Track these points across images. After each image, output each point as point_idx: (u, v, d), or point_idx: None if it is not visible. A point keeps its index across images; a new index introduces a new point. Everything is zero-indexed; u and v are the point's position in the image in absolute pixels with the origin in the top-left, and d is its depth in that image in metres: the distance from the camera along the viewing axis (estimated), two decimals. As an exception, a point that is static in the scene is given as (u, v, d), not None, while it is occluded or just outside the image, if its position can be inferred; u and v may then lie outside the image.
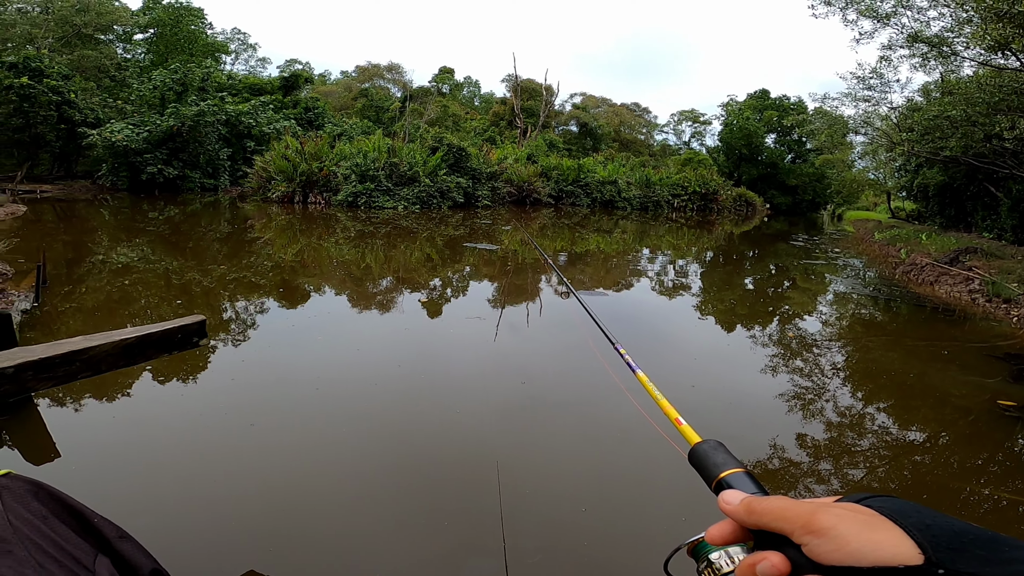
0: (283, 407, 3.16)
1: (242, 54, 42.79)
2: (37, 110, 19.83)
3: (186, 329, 2.62)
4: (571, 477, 2.59)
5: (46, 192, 18.17)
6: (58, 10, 25.93)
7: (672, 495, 2.52)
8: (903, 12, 13.24)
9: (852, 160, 26.51)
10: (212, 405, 3.13)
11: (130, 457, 2.57)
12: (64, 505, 0.61)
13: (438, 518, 2.19)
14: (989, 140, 11.96)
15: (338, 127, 26.90)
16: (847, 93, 17.53)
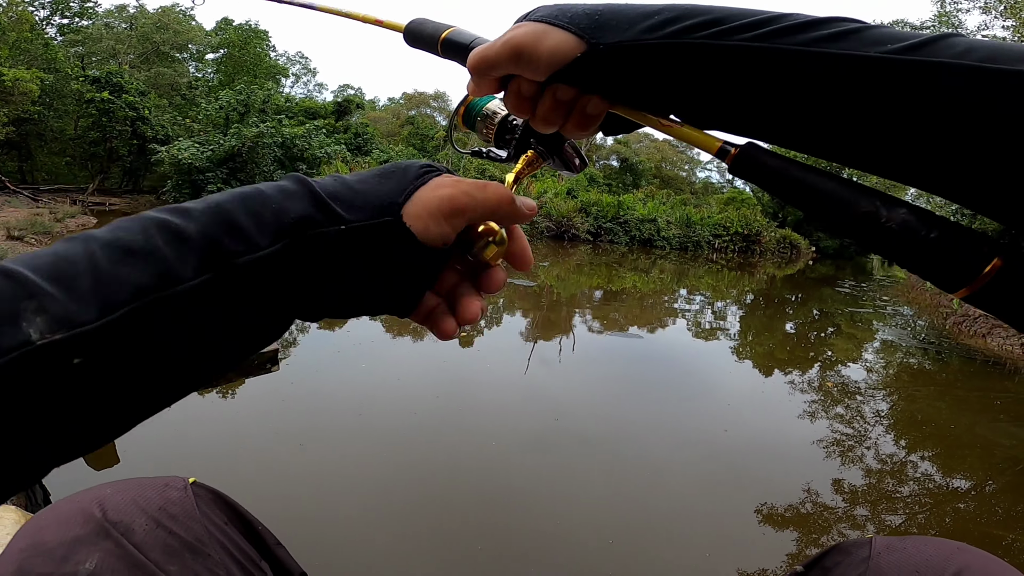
0: (331, 430, 3.27)
1: (302, 77, 44.99)
2: (114, 125, 21.24)
3: (262, 356, 2.80)
4: (601, 511, 2.60)
5: (114, 205, 19.37)
6: (140, 27, 27.80)
7: (698, 532, 2.51)
8: None
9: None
10: (263, 425, 3.27)
11: (183, 469, 2.71)
12: (237, 513, 0.66)
13: (464, 546, 2.23)
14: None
15: (385, 153, 27.79)
16: None
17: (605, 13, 0.42)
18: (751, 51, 0.37)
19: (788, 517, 2.78)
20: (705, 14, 0.40)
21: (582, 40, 0.41)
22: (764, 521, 2.72)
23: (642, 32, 0.40)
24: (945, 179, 0.35)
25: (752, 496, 2.93)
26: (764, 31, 0.37)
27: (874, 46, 0.34)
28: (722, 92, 0.40)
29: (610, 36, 0.41)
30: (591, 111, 0.44)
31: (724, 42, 0.38)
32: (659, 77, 0.41)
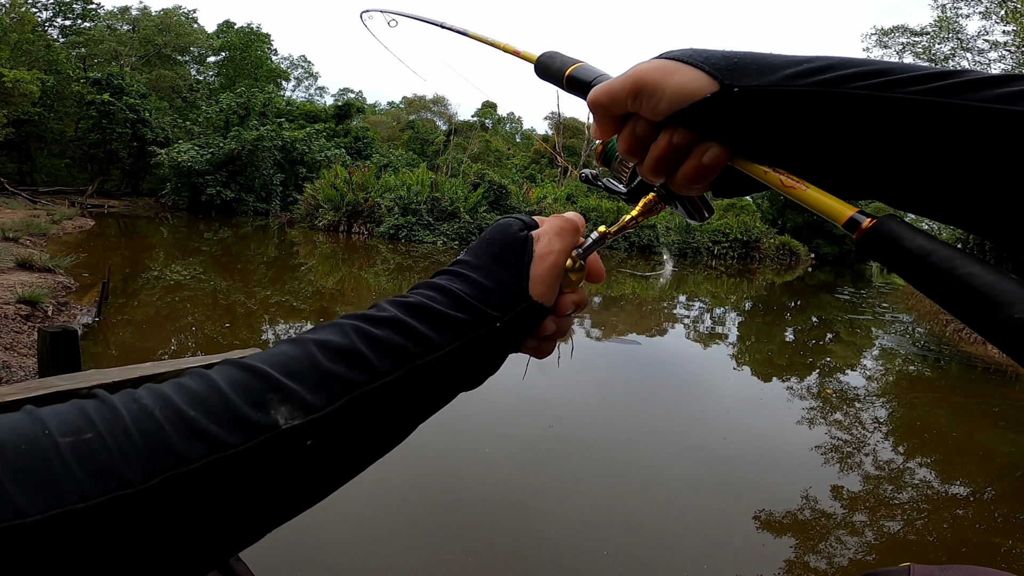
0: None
1: (304, 81, 45.08)
2: (114, 127, 21.26)
3: None
4: (595, 519, 2.56)
5: (113, 207, 19.35)
6: (143, 28, 27.83)
7: (694, 541, 2.48)
8: (962, 55, 12.99)
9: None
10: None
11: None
12: None
13: (461, 553, 2.20)
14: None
15: (385, 158, 27.85)
16: None
17: (745, 58, 0.39)
18: (924, 105, 0.33)
19: (787, 524, 2.76)
20: (865, 65, 0.36)
21: (715, 80, 0.38)
22: (763, 528, 2.70)
23: (787, 78, 0.37)
24: None
25: (750, 503, 2.90)
26: (939, 85, 0.33)
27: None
28: (875, 150, 0.35)
29: (748, 79, 0.37)
30: (707, 161, 0.40)
31: (892, 94, 0.34)
32: (799, 128, 0.37)
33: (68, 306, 5.22)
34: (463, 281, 0.43)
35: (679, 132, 0.40)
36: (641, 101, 0.41)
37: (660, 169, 0.42)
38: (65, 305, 5.21)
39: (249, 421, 0.30)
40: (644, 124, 0.42)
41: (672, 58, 0.40)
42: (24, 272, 6.04)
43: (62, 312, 5.01)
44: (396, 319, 0.38)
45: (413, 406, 0.38)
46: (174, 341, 4.94)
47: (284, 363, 0.33)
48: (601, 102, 0.43)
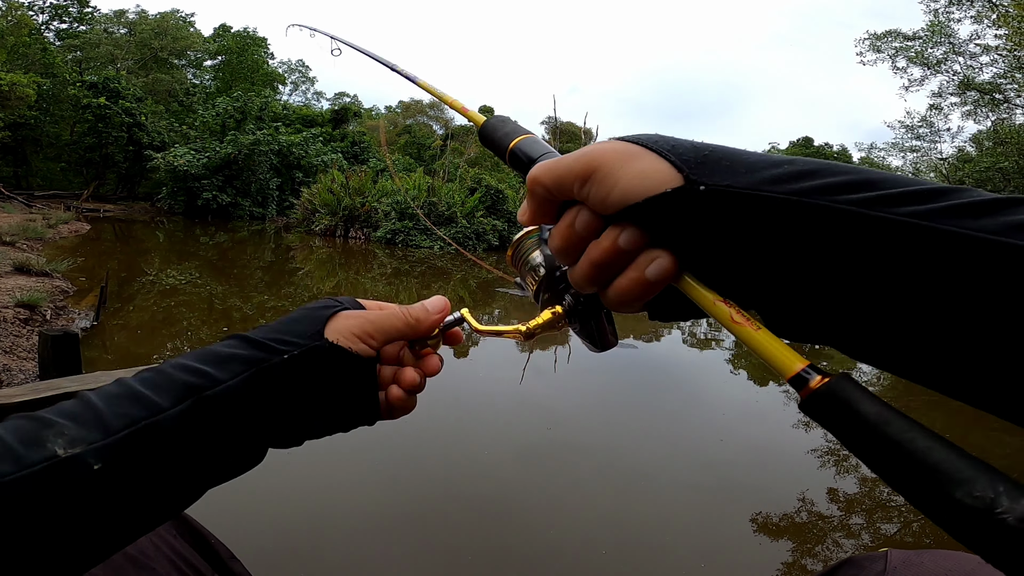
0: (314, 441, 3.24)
1: (300, 85, 45.08)
2: (110, 131, 21.22)
3: None
4: (593, 521, 2.58)
5: (108, 211, 19.31)
6: (140, 32, 27.76)
7: (692, 542, 2.50)
8: (954, 59, 13.12)
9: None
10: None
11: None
12: (188, 525, 0.64)
13: (458, 557, 2.22)
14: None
15: (381, 162, 27.86)
16: (895, 143, 17.31)
17: (717, 151, 0.34)
18: (915, 230, 0.28)
19: (783, 526, 2.78)
20: (853, 174, 0.31)
21: (679, 173, 0.33)
22: (759, 530, 2.72)
23: (764, 181, 0.31)
24: None
25: (747, 506, 2.92)
26: (935, 207, 0.28)
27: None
28: (849, 278, 0.30)
29: (718, 177, 0.32)
30: (651, 274, 0.34)
31: (881, 212, 0.29)
32: (769, 247, 0.31)
33: (66, 310, 5.21)
34: (255, 330, 0.45)
35: (628, 231, 0.34)
36: (591, 187, 0.35)
37: (596, 276, 0.36)
38: (63, 309, 5.21)
39: (19, 455, 0.32)
40: (588, 216, 0.36)
41: (634, 141, 0.35)
42: (21, 276, 6.04)
43: (60, 316, 5.01)
44: (180, 361, 0.40)
45: (208, 443, 0.39)
46: (170, 345, 4.94)
47: (61, 410, 0.36)
48: (543, 181, 0.37)
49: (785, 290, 0.32)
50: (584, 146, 0.38)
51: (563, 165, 0.36)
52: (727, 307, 0.33)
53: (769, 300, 0.33)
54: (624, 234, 0.34)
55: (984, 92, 12.92)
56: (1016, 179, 11.93)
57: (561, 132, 37.40)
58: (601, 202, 0.35)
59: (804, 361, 0.30)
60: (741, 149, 0.35)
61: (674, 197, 0.32)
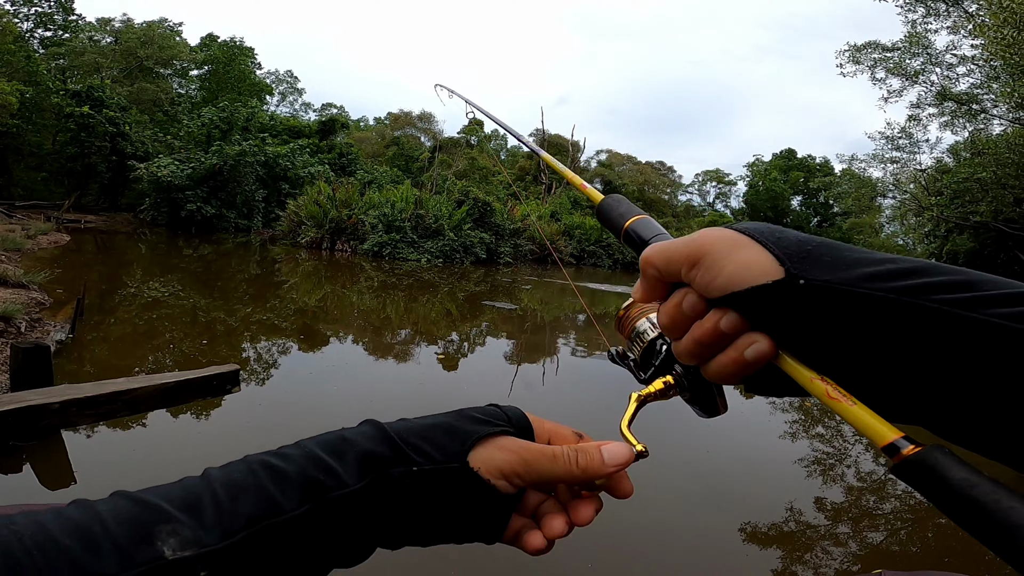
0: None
1: (288, 96, 45.03)
2: (93, 140, 20.89)
3: (221, 377, 2.74)
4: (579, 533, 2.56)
5: (90, 222, 19.01)
6: (126, 41, 27.43)
7: (680, 553, 2.49)
8: (932, 69, 13.36)
9: (880, 224, 26.32)
10: (227, 446, 3.18)
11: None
12: None
13: (445, 568, 2.18)
14: (1020, 204, 11.78)
15: (369, 174, 27.83)
16: (875, 154, 17.48)
17: (821, 246, 0.36)
18: (1010, 334, 0.29)
19: (772, 535, 2.78)
20: (953, 274, 0.32)
21: (781, 266, 0.35)
22: (748, 540, 2.71)
23: (863, 278, 0.33)
24: None
25: (736, 516, 2.92)
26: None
27: None
28: (939, 376, 0.31)
29: (818, 272, 0.34)
30: (750, 355, 0.36)
31: (978, 314, 0.30)
32: (865, 338, 0.33)
33: (41, 322, 5.10)
34: (398, 422, 0.43)
35: (729, 316, 0.36)
36: (698, 272, 0.37)
37: (699, 352, 0.39)
38: (39, 321, 5.09)
39: (126, 554, 0.30)
40: (694, 299, 0.38)
41: (742, 231, 0.37)
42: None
43: (35, 328, 4.90)
44: (309, 451, 0.38)
45: (324, 544, 0.37)
46: (151, 359, 4.85)
47: (182, 497, 0.34)
48: (655, 262, 0.40)
49: (879, 375, 0.33)
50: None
51: (673, 249, 0.39)
52: (823, 384, 0.34)
53: (864, 382, 0.34)
54: (726, 318, 0.36)
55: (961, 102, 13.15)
56: (994, 190, 12.12)
57: (549, 144, 37.73)
58: (706, 287, 0.37)
59: (898, 432, 0.32)
60: (847, 244, 0.36)
61: (775, 289, 0.34)
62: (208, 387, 2.74)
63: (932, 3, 12.34)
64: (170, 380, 2.59)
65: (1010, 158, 10.67)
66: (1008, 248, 15.89)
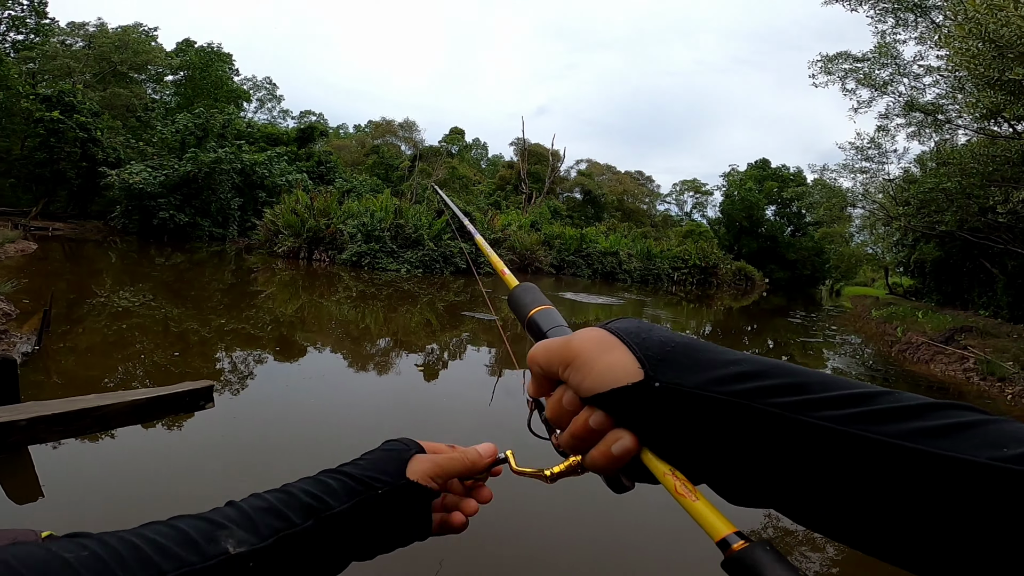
0: (271, 467, 3.13)
1: (267, 103, 44.53)
2: (63, 146, 20.32)
3: (194, 393, 2.68)
4: (563, 537, 2.54)
5: (58, 230, 18.50)
6: (99, 46, 26.74)
7: (660, 556, 2.49)
8: (900, 80, 13.68)
9: (850, 234, 26.90)
10: (198, 462, 3.10)
11: (110, 505, 2.54)
12: None
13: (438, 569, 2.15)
14: (984, 214, 12.04)
15: (348, 183, 27.59)
16: (845, 164, 17.85)
17: (678, 348, 0.39)
18: (832, 434, 0.32)
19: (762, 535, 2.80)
20: (790, 375, 0.35)
21: (641, 369, 0.38)
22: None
23: (710, 381, 0.36)
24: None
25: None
26: (855, 411, 0.32)
27: (990, 449, 0.29)
28: (777, 470, 0.34)
29: (671, 375, 0.37)
30: (616, 451, 0.39)
31: (802, 416, 0.33)
32: (713, 435, 0.36)
33: (7, 334, 4.93)
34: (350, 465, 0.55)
35: (596, 414, 0.40)
36: (571, 373, 0.41)
37: (576, 445, 0.43)
38: (4, 333, 4.92)
39: (203, 548, 0.41)
40: (571, 396, 0.42)
41: (613, 331, 0.41)
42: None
43: (0, 340, 4.73)
44: (302, 488, 0.50)
45: (332, 549, 0.49)
46: (121, 370, 4.72)
47: (224, 513, 0.45)
48: (538, 361, 0.45)
49: (730, 467, 0.36)
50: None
51: (553, 350, 0.43)
52: (674, 479, 0.38)
53: (716, 473, 0.38)
54: (594, 416, 0.40)
55: (928, 113, 13.50)
56: (959, 199, 12.42)
57: (529, 153, 37.94)
58: (578, 387, 0.41)
59: (732, 528, 0.35)
60: (709, 346, 0.40)
61: (634, 390, 0.38)
62: (181, 403, 2.69)
63: (901, 14, 12.66)
64: (141, 397, 2.52)
65: (974, 168, 10.96)
66: (973, 256, 16.37)
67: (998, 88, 8.50)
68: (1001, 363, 7.74)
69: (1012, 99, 8.40)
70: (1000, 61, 8.01)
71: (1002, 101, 8.59)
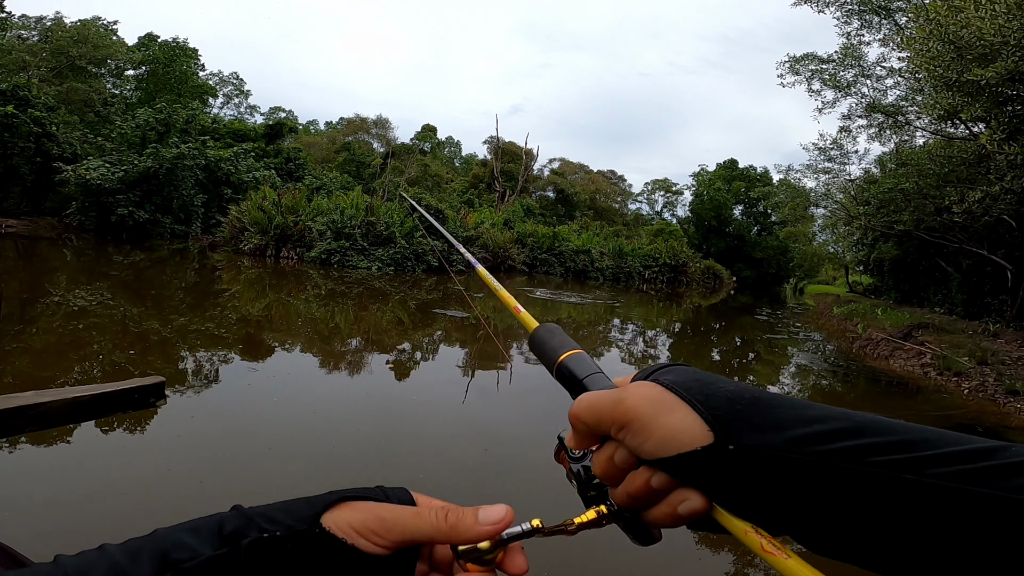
0: (235, 466, 3.03)
1: (233, 99, 43.37)
2: (16, 141, 19.42)
3: (144, 390, 2.55)
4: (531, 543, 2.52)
5: (11, 227, 17.68)
6: (56, 40, 25.82)
7: (642, 563, 2.48)
8: (863, 82, 14.09)
9: (813, 233, 27.67)
10: (156, 461, 2.98)
11: (65, 513, 2.41)
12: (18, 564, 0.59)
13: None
14: (940, 214, 12.47)
15: (318, 180, 27.12)
16: (809, 164, 18.36)
17: (751, 404, 0.35)
18: (948, 493, 0.29)
19: (724, 539, 2.82)
20: (891, 433, 0.32)
21: (710, 431, 0.34)
22: (701, 542, 2.75)
23: (794, 442, 0.32)
24: None
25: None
26: (977, 467, 0.29)
27: None
28: (878, 530, 0.31)
29: (748, 436, 0.33)
30: (684, 512, 0.36)
31: (917, 476, 0.30)
32: (800, 498, 0.32)
33: (-52, 335, 4.67)
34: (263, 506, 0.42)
35: (659, 476, 0.36)
36: (626, 435, 0.37)
37: (632, 504, 0.39)
38: (-55, 334, 4.66)
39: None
40: (625, 455, 0.38)
41: (671, 387, 0.37)
42: None
43: (-60, 342, 4.47)
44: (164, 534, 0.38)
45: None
46: (77, 369, 4.52)
47: (36, 572, 0.35)
48: (585, 419, 0.40)
49: (818, 525, 0.33)
50: None
51: (602, 408, 0.38)
52: (758, 537, 0.34)
53: (798, 529, 0.34)
54: (656, 477, 0.36)
55: (889, 114, 13.94)
56: (916, 200, 12.85)
57: (503, 152, 37.90)
58: (636, 450, 0.37)
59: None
60: (779, 399, 0.36)
61: (704, 455, 0.34)
62: (129, 400, 2.53)
63: (867, 16, 13.04)
64: (84, 393, 2.38)
65: (931, 169, 11.36)
66: (930, 255, 17.01)
67: (956, 89, 8.82)
68: (957, 358, 8.04)
69: (970, 100, 8.72)
70: (959, 62, 8.31)
71: (959, 102, 8.92)
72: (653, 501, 0.38)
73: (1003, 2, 7.48)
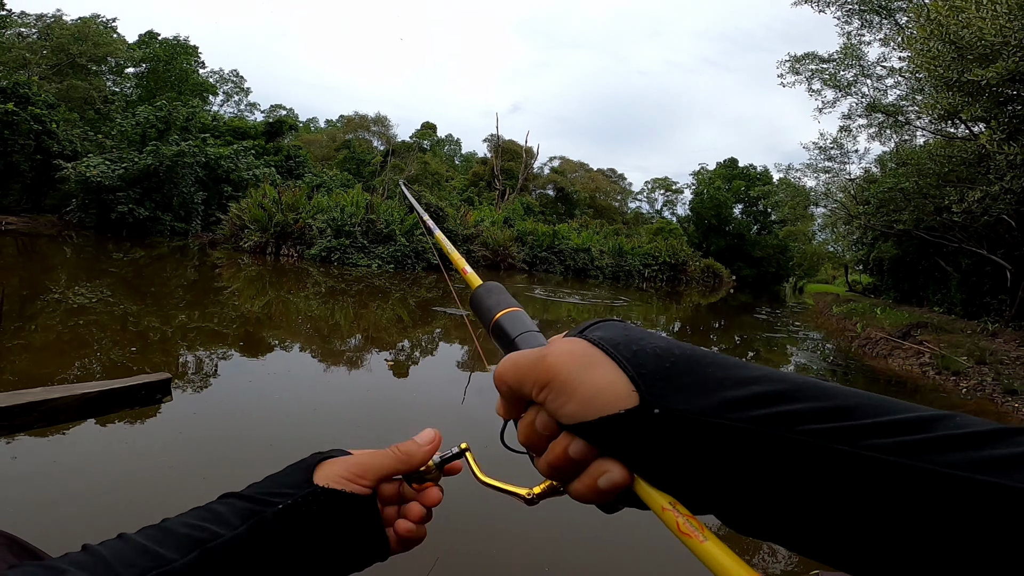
0: (235, 464, 3.04)
1: (234, 96, 43.30)
2: (16, 138, 19.42)
3: (150, 386, 2.58)
4: (533, 537, 2.54)
5: (11, 224, 17.67)
6: (56, 37, 25.76)
7: (633, 555, 2.49)
8: (863, 81, 14.10)
9: (813, 232, 27.70)
10: (157, 457, 2.99)
11: (65, 506, 2.42)
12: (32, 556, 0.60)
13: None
14: (939, 213, 12.46)
15: (318, 178, 27.10)
16: (809, 164, 18.40)
17: (680, 363, 0.32)
18: (884, 466, 0.26)
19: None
20: (827, 398, 0.29)
21: (636, 392, 0.31)
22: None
23: (724, 406, 0.30)
24: None
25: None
26: (918, 439, 0.27)
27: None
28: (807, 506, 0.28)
29: (676, 399, 0.31)
30: (603, 484, 0.33)
31: (849, 447, 0.27)
32: (725, 467, 0.30)
33: (-51, 332, 4.68)
34: (248, 488, 0.48)
35: (577, 444, 0.34)
36: (547, 395, 0.34)
37: (554, 475, 0.37)
38: (-54, 331, 4.67)
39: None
40: (546, 419, 0.35)
41: (598, 342, 0.34)
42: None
43: (-58, 339, 4.49)
44: (179, 520, 0.43)
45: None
46: (77, 366, 4.53)
47: (70, 558, 0.38)
48: (507, 380, 0.38)
49: (743, 500, 0.30)
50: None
51: (524, 367, 0.36)
52: (675, 514, 0.32)
53: (726, 504, 0.31)
54: (574, 446, 0.34)
55: (889, 114, 13.94)
56: (916, 199, 12.85)
57: (503, 150, 37.87)
58: (555, 413, 0.34)
59: (755, 575, 0.29)
60: (714, 356, 0.33)
61: (627, 418, 0.31)
62: (135, 397, 2.56)
63: (867, 15, 13.03)
64: (92, 390, 2.41)
65: (931, 168, 11.36)
66: (929, 255, 17.01)
67: (956, 89, 8.82)
68: (955, 358, 8.07)
69: (970, 100, 8.72)
70: (959, 63, 8.31)
71: (960, 102, 8.93)
72: (574, 473, 0.35)
73: (1004, 2, 7.49)
